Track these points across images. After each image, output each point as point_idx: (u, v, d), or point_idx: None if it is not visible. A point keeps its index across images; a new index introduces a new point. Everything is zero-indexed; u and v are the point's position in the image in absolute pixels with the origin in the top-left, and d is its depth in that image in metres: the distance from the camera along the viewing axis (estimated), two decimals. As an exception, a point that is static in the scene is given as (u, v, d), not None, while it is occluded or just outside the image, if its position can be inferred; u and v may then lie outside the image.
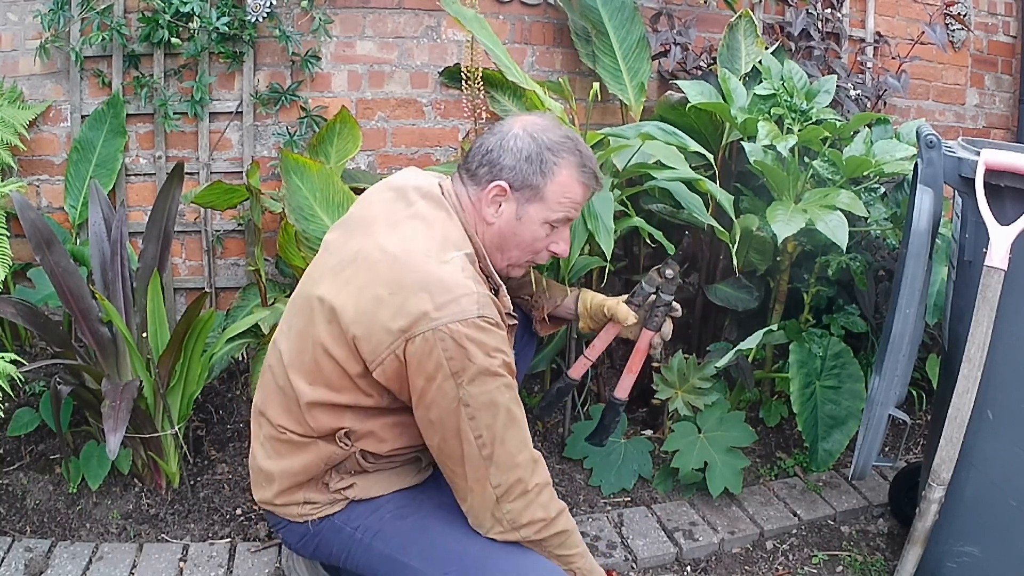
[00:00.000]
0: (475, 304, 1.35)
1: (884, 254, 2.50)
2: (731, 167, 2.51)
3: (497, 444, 1.37)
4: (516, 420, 1.40)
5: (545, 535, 1.43)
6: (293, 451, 1.48)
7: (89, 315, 2.01)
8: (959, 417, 1.62)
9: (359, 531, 1.50)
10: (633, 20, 2.53)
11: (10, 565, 1.83)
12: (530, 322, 1.87)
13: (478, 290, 1.37)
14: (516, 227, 1.50)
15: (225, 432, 2.32)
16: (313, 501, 1.51)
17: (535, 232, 1.50)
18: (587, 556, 1.51)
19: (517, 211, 1.49)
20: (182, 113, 2.45)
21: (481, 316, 1.34)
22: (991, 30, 3.41)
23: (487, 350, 1.34)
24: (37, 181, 2.48)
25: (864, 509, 2.23)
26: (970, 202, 1.62)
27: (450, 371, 1.33)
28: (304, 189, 2.19)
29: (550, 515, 1.43)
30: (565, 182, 1.48)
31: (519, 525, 1.41)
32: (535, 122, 1.51)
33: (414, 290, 1.35)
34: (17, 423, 2.13)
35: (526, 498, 1.40)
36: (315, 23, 2.45)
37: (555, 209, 1.49)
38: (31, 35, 2.42)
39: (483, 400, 1.35)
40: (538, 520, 1.42)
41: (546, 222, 1.50)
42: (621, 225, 2.00)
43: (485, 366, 1.34)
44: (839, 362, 2.31)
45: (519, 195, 1.48)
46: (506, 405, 1.37)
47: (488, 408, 1.36)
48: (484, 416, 1.36)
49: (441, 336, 1.32)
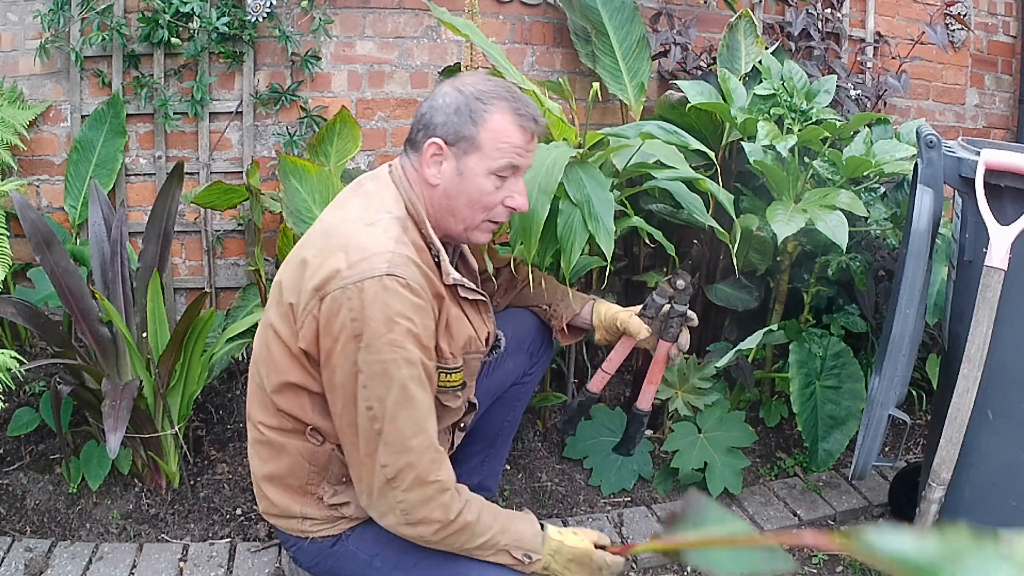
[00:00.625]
0: (386, 262, 1.31)
1: (884, 254, 2.50)
2: (731, 167, 2.51)
3: (388, 421, 1.31)
4: (413, 400, 1.32)
5: (444, 535, 1.36)
6: (275, 454, 1.48)
7: (89, 315, 2.01)
8: (959, 417, 1.62)
9: (376, 559, 1.48)
10: (633, 20, 2.53)
11: (10, 565, 1.83)
12: (549, 330, 1.86)
13: (396, 250, 1.33)
14: (460, 183, 1.43)
15: (225, 432, 2.32)
16: (311, 517, 1.49)
17: (481, 186, 1.42)
18: (508, 527, 1.42)
19: (457, 167, 1.42)
20: (182, 113, 2.45)
21: (390, 274, 1.30)
22: (991, 30, 3.41)
23: (389, 313, 1.29)
24: (37, 181, 2.48)
25: (864, 509, 2.22)
26: (970, 202, 1.62)
27: (352, 333, 1.30)
28: (303, 192, 2.19)
29: (449, 517, 1.35)
30: (499, 127, 1.41)
31: (414, 520, 1.35)
32: (464, 79, 1.48)
33: (334, 251, 1.35)
34: (17, 423, 2.13)
35: (423, 492, 1.33)
36: (315, 23, 2.45)
37: (495, 156, 1.41)
38: (31, 35, 2.42)
39: (376, 369, 1.30)
40: (435, 520, 1.35)
41: (491, 172, 1.42)
42: (621, 225, 2.00)
43: (382, 332, 1.29)
44: (839, 362, 2.31)
45: (455, 150, 1.42)
46: (402, 381, 1.31)
47: (380, 379, 1.30)
48: (376, 387, 1.31)
49: (349, 295, 1.30)
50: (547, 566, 1.44)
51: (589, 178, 1.80)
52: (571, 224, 1.77)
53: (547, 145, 1.78)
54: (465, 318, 1.50)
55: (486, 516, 1.40)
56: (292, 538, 1.53)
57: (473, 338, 1.52)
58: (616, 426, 2.29)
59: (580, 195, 1.77)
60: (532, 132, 1.45)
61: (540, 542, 1.43)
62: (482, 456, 1.86)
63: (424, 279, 1.36)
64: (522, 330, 1.81)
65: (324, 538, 1.50)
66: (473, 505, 1.40)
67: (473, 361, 1.55)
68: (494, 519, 1.41)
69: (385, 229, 1.37)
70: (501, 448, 1.91)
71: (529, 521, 1.46)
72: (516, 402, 1.86)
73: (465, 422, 1.68)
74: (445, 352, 1.45)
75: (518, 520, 1.45)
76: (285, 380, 1.42)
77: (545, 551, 1.44)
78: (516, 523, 1.44)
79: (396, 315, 1.30)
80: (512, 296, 1.86)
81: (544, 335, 1.85)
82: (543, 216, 1.67)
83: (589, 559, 1.45)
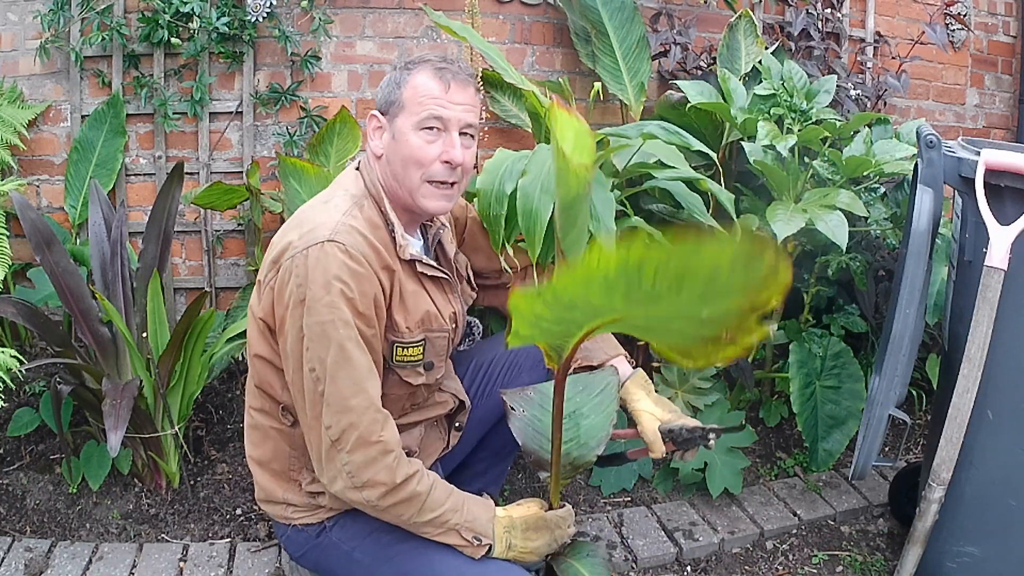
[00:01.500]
0: (329, 230, 1.38)
1: (884, 254, 2.50)
2: (731, 167, 2.51)
3: (328, 381, 1.35)
4: (351, 360, 1.36)
5: (391, 501, 1.38)
6: (262, 438, 1.54)
7: (89, 315, 2.01)
8: (959, 417, 1.62)
9: (357, 551, 1.51)
10: (633, 20, 2.53)
11: (10, 565, 1.83)
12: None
13: (341, 219, 1.40)
14: (396, 147, 1.48)
15: (225, 432, 2.32)
16: (293, 503, 1.54)
17: (411, 142, 1.46)
18: (461, 507, 1.43)
19: (392, 132, 1.49)
20: (182, 113, 2.45)
21: (331, 240, 1.36)
22: (991, 30, 3.41)
23: (328, 277, 1.34)
24: (37, 181, 2.48)
25: (864, 509, 2.22)
26: (970, 202, 1.62)
27: (298, 298, 1.36)
28: (303, 193, 2.19)
29: (395, 480, 1.36)
30: (418, 82, 1.46)
31: (359, 483, 1.37)
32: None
33: (291, 227, 1.44)
34: (17, 423, 2.13)
35: (366, 452, 1.36)
36: (315, 23, 2.45)
37: (416, 111, 1.46)
38: (31, 35, 2.42)
39: (316, 331, 1.35)
40: (380, 483, 1.36)
41: (416, 128, 1.46)
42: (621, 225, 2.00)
43: (321, 294, 1.34)
44: (839, 362, 2.31)
45: (388, 117, 1.49)
46: (339, 341, 1.35)
47: (320, 340, 1.35)
48: (317, 347, 1.36)
49: (296, 262, 1.37)
50: (509, 545, 1.45)
51: (589, 178, 1.80)
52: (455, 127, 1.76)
53: (548, 145, 1.79)
54: (425, 294, 1.53)
55: (438, 492, 1.42)
56: (281, 526, 1.58)
57: (433, 314, 1.53)
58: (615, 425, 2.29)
59: (580, 195, 1.77)
60: (449, 82, 1.47)
61: (492, 527, 1.44)
62: (487, 464, 1.87)
63: (371, 249, 1.40)
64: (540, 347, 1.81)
65: (306, 526, 1.53)
66: (425, 478, 1.41)
67: (438, 340, 1.56)
68: (447, 497, 1.43)
69: (336, 205, 1.45)
70: (506, 459, 1.92)
71: (485, 506, 1.47)
72: None
73: (460, 421, 1.69)
74: (400, 325, 1.48)
75: (473, 503, 1.46)
76: (255, 353, 1.50)
77: (499, 530, 1.45)
78: (470, 505, 1.45)
79: (333, 278, 1.35)
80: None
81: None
82: (546, 216, 1.67)
83: (543, 520, 1.47)
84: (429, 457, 1.66)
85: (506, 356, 1.80)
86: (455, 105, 1.47)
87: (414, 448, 1.60)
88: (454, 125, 1.48)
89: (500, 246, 1.74)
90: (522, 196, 1.69)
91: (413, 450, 1.59)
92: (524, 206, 1.68)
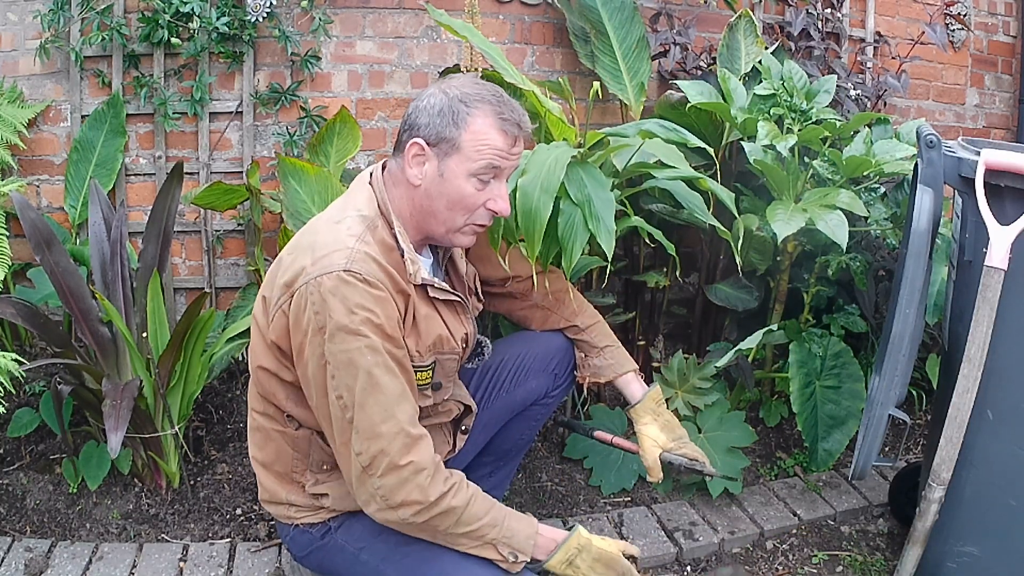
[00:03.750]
0: (344, 258, 1.35)
1: (884, 254, 2.50)
2: (731, 167, 2.51)
3: (357, 408, 1.35)
4: (379, 386, 1.35)
5: (426, 517, 1.37)
6: (265, 440, 1.54)
7: (89, 315, 2.01)
8: (959, 417, 1.62)
9: (364, 553, 1.51)
10: (633, 20, 2.53)
11: (10, 565, 1.83)
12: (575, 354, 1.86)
13: (355, 246, 1.37)
14: (441, 185, 1.44)
15: (225, 432, 2.32)
16: (296, 504, 1.53)
17: (461, 188, 1.43)
18: (500, 522, 1.42)
19: (439, 167, 1.43)
20: (182, 113, 2.45)
21: (348, 270, 1.34)
22: (991, 30, 3.41)
23: (349, 305, 1.33)
24: (37, 181, 2.48)
25: (864, 509, 2.22)
26: (970, 202, 1.62)
27: (316, 326, 1.35)
28: (302, 193, 2.19)
29: (428, 499, 1.36)
30: (480, 129, 1.42)
31: (394, 504, 1.36)
32: (452, 81, 1.49)
33: (304, 249, 1.41)
34: (17, 423, 2.13)
35: (398, 475, 1.35)
36: (315, 23, 2.45)
37: (474, 158, 1.42)
38: (31, 35, 2.42)
39: (342, 359, 1.34)
40: (413, 502, 1.36)
41: (471, 175, 1.43)
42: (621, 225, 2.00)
43: (344, 323, 1.33)
44: (839, 362, 2.31)
45: (437, 150, 1.43)
46: (367, 368, 1.34)
47: (347, 368, 1.34)
48: (344, 376, 1.35)
49: (311, 290, 1.35)
50: (571, 562, 1.45)
51: (590, 178, 1.80)
52: (572, 224, 1.77)
53: (547, 145, 1.78)
54: (438, 317, 1.51)
55: (477, 506, 1.41)
56: (284, 526, 1.58)
57: (445, 338, 1.52)
58: (616, 426, 2.29)
59: (581, 195, 1.77)
60: (515, 136, 1.45)
61: (532, 545, 1.44)
62: (491, 468, 1.87)
63: (385, 275, 1.39)
64: (549, 351, 1.82)
65: (310, 526, 1.54)
66: (462, 492, 1.40)
67: (448, 362, 1.55)
68: (486, 511, 1.42)
69: (348, 227, 1.42)
70: (512, 462, 1.92)
71: (526, 523, 1.46)
72: (533, 421, 1.86)
73: (466, 424, 1.69)
74: (411, 349, 1.46)
75: (514, 518, 1.45)
76: (259, 364, 1.49)
77: (573, 543, 1.45)
78: (511, 520, 1.44)
79: (355, 306, 1.34)
80: (539, 314, 1.85)
81: (570, 359, 1.84)
82: (546, 216, 1.67)
83: (616, 563, 1.47)
84: None
85: (515, 360, 1.79)
86: (512, 157, 1.46)
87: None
88: (506, 175, 1.47)
89: (496, 244, 1.74)
90: (522, 196, 1.69)
91: None
92: (524, 206, 1.68)
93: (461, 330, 1.57)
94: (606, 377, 1.80)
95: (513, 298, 1.84)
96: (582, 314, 1.83)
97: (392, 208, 1.47)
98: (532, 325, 1.85)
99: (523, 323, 1.87)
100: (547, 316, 1.84)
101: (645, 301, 2.64)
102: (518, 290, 1.83)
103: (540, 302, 1.83)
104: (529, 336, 1.84)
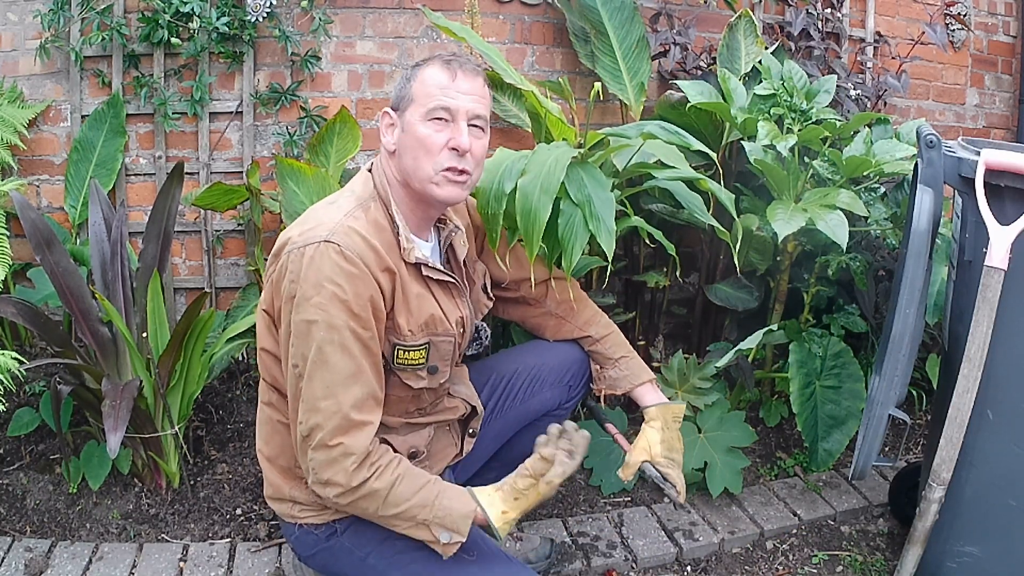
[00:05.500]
0: (327, 231, 1.39)
1: (884, 254, 2.50)
2: (731, 167, 2.51)
3: (306, 379, 1.38)
4: (327, 363, 1.37)
5: (350, 499, 1.39)
6: (271, 433, 1.56)
7: (89, 315, 2.01)
8: (959, 417, 1.62)
9: (371, 557, 1.51)
10: (633, 20, 2.53)
11: (10, 565, 1.83)
12: (590, 366, 1.85)
13: (341, 220, 1.42)
14: (405, 139, 1.48)
15: (225, 432, 2.32)
16: (299, 501, 1.53)
17: (419, 132, 1.46)
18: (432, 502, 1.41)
19: (402, 126, 1.49)
20: (182, 113, 2.45)
21: (328, 241, 1.37)
22: (991, 30, 3.41)
23: (320, 277, 1.36)
24: (37, 181, 2.48)
25: (864, 509, 2.22)
26: (970, 202, 1.62)
27: (290, 293, 1.40)
28: (300, 194, 2.19)
29: (351, 484, 1.38)
30: (427, 75, 1.48)
31: (322, 480, 1.39)
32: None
33: (297, 223, 1.47)
34: (17, 423, 2.13)
35: (327, 454, 1.37)
36: (315, 23, 2.45)
37: (423, 102, 1.46)
38: (31, 35, 2.42)
39: (302, 328, 1.38)
40: (337, 484, 1.38)
41: (424, 118, 1.46)
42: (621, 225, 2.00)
43: (309, 295, 1.37)
44: (839, 362, 2.31)
45: (399, 112, 1.50)
46: (319, 343, 1.36)
47: (304, 339, 1.38)
48: (300, 345, 1.39)
49: (293, 258, 1.40)
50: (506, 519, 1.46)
51: (590, 178, 1.80)
52: (572, 224, 1.77)
53: (547, 145, 1.78)
54: (430, 297, 1.52)
55: (403, 486, 1.41)
56: (288, 525, 1.58)
57: (439, 318, 1.53)
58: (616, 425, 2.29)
59: (581, 195, 1.77)
60: (456, 72, 1.48)
61: (469, 523, 1.43)
62: (497, 474, 1.86)
63: (369, 250, 1.40)
64: (564, 363, 1.82)
65: (315, 527, 1.53)
66: (387, 474, 1.40)
67: (443, 343, 1.55)
68: (414, 492, 1.41)
69: (339, 206, 1.47)
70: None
71: (462, 501, 1.44)
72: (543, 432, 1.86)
73: (473, 427, 1.69)
74: (403, 328, 1.47)
75: (448, 497, 1.44)
76: (262, 346, 1.53)
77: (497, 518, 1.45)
78: (444, 500, 1.43)
79: (324, 279, 1.37)
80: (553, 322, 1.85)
81: (585, 371, 1.84)
82: (545, 217, 1.67)
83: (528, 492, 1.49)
84: (440, 462, 1.65)
85: (529, 370, 1.79)
86: (462, 95, 1.47)
87: (422, 449, 1.59)
88: (462, 115, 1.47)
89: (495, 244, 1.74)
90: (521, 196, 1.69)
91: (421, 451, 1.59)
92: (523, 206, 1.68)
93: (456, 313, 1.57)
94: (622, 389, 1.80)
95: (527, 304, 1.84)
96: (596, 324, 1.83)
97: (390, 189, 1.51)
98: (546, 333, 1.86)
99: (536, 331, 1.88)
100: (560, 325, 1.84)
101: (645, 301, 2.64)
102: (531, 295, 1.82)
103: (554, 310, 1.83)
104: (544, 347, 1.84)
